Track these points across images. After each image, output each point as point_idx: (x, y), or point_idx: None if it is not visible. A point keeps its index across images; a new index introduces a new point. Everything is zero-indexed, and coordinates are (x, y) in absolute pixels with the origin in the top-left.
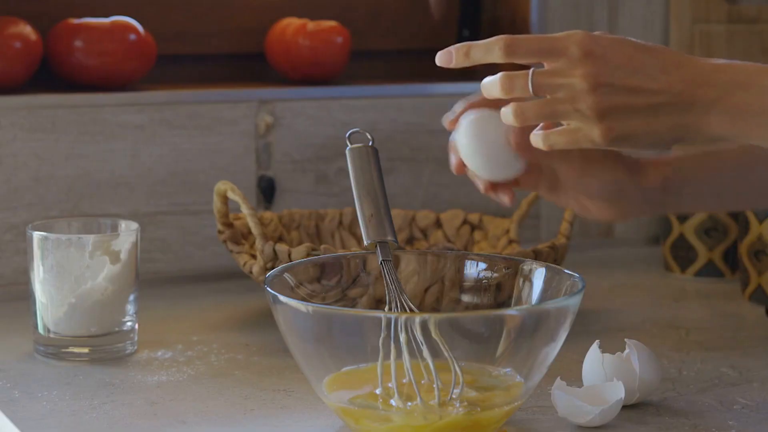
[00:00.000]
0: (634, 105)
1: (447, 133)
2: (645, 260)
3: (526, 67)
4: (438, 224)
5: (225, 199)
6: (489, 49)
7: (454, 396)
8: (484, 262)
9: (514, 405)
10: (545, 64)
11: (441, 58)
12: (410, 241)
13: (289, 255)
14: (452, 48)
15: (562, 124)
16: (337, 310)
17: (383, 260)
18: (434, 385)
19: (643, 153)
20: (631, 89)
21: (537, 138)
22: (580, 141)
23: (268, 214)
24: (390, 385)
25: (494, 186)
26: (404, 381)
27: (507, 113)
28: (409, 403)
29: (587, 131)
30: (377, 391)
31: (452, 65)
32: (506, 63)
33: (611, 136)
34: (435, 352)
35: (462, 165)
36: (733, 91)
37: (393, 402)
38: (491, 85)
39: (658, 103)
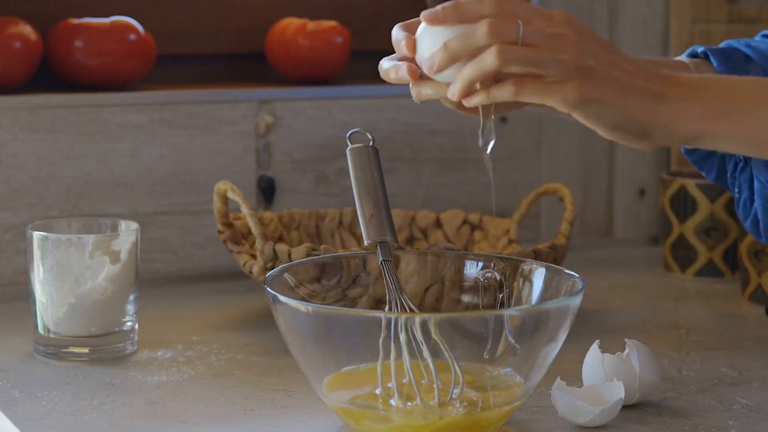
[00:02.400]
0: (611, 74)
1: (447, 134)
2: (645, 260)
3: None
4: (438, 224)
5: (225, 199)
6: (479, 2)
7: (453, 396)
8: (484, 262)
9: (514, 405)
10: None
11: (429, 16)
12: (410, 241)
13: (289, 255)
14: (440, 7)
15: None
16: (337, 310)
17: (383, 260)
18: (434, 385)
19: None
20: (611, 61)
21: (508, 85)
22: (552, 94)
23: (268, 214)
24: (390, 385)
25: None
26: (404, 381)
27: (489, 55)
28: (409, 403)
29: (561, 86)
30: (377, 391)
31: (440, 23)
32: None
33: (583, 95)
34: (435, 352)
35: (416, 68)
36: (702, 88)
37: (393, 402)
38: (473, 30)
39: (631, 81)
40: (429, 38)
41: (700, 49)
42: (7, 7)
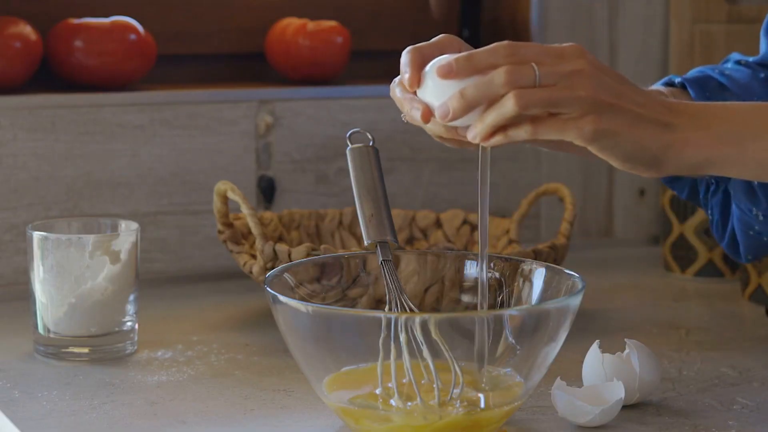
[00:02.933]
0: (624, 107)
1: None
2: (645, 260)
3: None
4: (438, 224)
5: (225, 199)
6: (492, 52)
7: (453, 396)
8: None
9: (514, 405)
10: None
11: (441, 71)
12: (410, 241)
13: (289, 255)
14: (454, 60)
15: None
16: (337, 310)
17: (383, 260)
18: (434, 385)
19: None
20: (623, 93)
21: (525, 125)
22: (568, 130)
23: (268, 214)
24: (390, 385)
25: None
26: (404, 381)
27: (508, 101)
28: (409, 403)
29: (577, 121)
30: (377, 391)
31: (453, 77)
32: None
33: (598, 128)
34: (435, 352)
35: (430, 112)
36: (708, 116)
37: (393, 402)
38: (490, 79)
39: (642, 113)
40: (438, 84)
41: (677, 80)
42: (7, 7)
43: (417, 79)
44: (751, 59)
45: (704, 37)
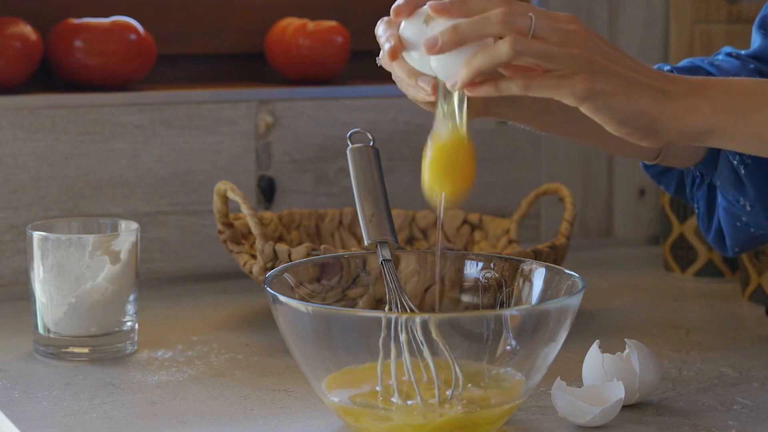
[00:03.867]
0: (618, 70)
1: None
2: (645, 260)
3: None
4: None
5: (225, 199)
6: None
7: (454, 395)
8: (484, 262)
9: (514, 404)
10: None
11: (436, 8)
12: (410, 241)
13: (289, 255)
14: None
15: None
16: (337, 310)
17: (383, 260)
18: (434, 384)
19: (624, 143)
20: (618, 58)
21: (517, 79)
22: (561, 88)
23: (268, 214)
24: (390, 382)
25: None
26: (404, 379)
27: (503, 45)
28: (410, 401)
29: (570, 79)
30: (377, 388)
31: (448, 15)
32: None
33: (592, 88)
34: (435, 352)
35: (399, 49)
36: (709, 87)
37: (393, 400)
38: (486, 17)
39: (638, 78)
40: (423, 27)
41: (666, 68)
42: (7, 7)
43: (409, 9)
44: (742, 52)
45: (704, 37)
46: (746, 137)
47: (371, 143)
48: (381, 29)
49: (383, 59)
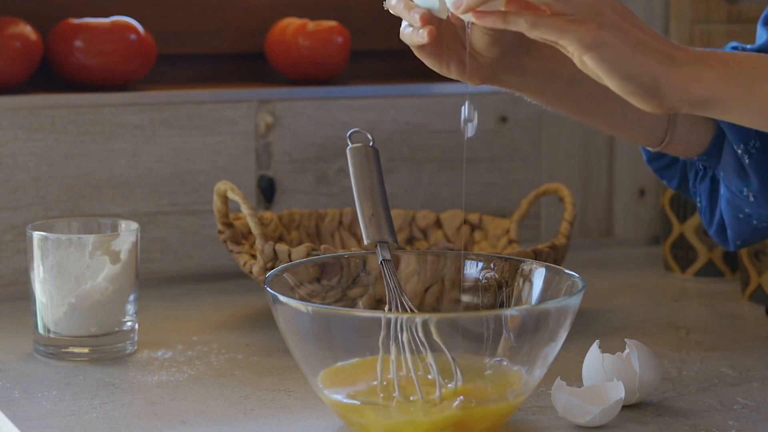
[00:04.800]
0: (626, 28)
1: (447, 134)
2: (645, 260)
3: None
4: (438, 224)
5: (225, 199)
6: None
7: (454, 391)
8: (484, 262)
9: (513, 403)
10: None
11: None
12: (410, 241)
13: (289, 255)
14: None
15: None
16: (337, 310)
17: (383, 260)
18: (436, 382)
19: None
20: (628, 16)
21: (526, 15)
22: (568, 33)
23: (268, 214)
24: (390, 376)
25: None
26: (401, 375)
27: None
28: (412, 397)
29: (578, 26)
30: (375, 383)
31: None
32: None
33: (599, 38)
34: (435, 350)
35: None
36: (714, 57)
37: (394, 395)
38: None
39: (646, 39)
40: None
41: None
42: (7, 7)
43: None
44: (748, 46)
45: (704, 37)
46: (748, 108)
47: (371, 143)
48: None
49: None
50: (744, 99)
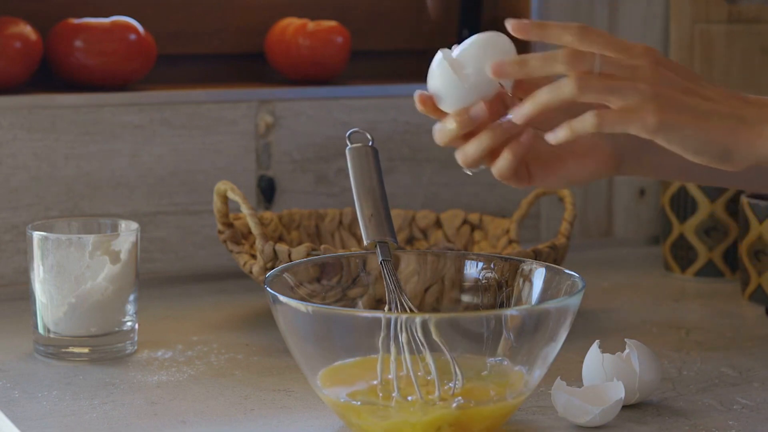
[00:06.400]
0: (688, 101)
1: None
2: (645, 260)
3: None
4: (438, 224)
5: (225, 199)
6: (564, 28)
7: (453, 392)
8: (484, 262)
9: (513, 403)
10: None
11: (515, 26)
12: (410, 241)
13: (289, 255)
14: (528, 21)
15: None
16: (337, 310)
17: (383, 260)
18: (434, 381)
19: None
20: (687, 89)
21: (588, 116)
22: (632, 122)
23: (268, 214)
24: (390, 376)
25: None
26: (401, 374)
27: (567, 83)
28: (410, 397)
29: (641, 113)
30: (375, 383)
31: (523, 36)
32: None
33: (662, 120)
34: (435, 350)
35: (430, 98)
36: None
37: (393, 395)
38: (550, 58)
39: (710, 108)
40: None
41: None
42: (7, 7)
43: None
44: None
45: (704, 37)
46: None
47: (370, 143)
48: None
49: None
50: None
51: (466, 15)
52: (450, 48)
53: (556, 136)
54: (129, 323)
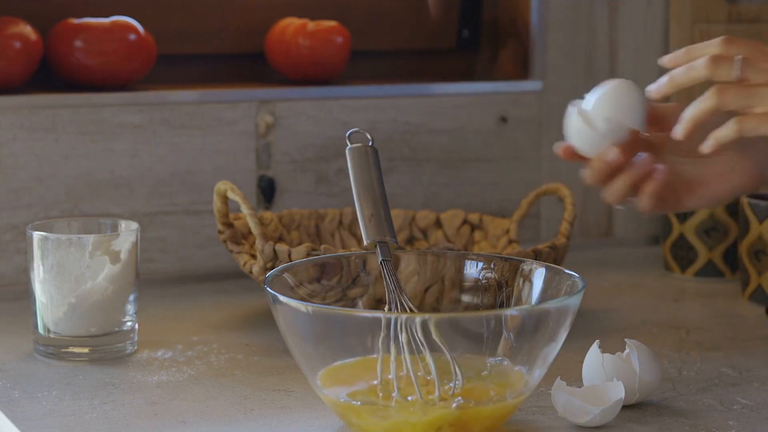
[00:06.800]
0: None
1: (447, 134)
2: (645, 260)
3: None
4: (438, 224)
5: (225, 199)
6: (707, 44)
7: (453, 392)
8: (484, 262)
9: (513, 403)
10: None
11: (668, 57)
12: (410, 241)
13: (289, 255)
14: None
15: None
16: (336, 310)
17: (383, 260)
18: (435, 382)
19: None
20: None
21: (730, 124)
22: None
23: (268, 214)
24: (390, 376)
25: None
26: (401, 374)
27: (709, 95)
28: (410, 397)
29: None
30: (375, 383)
31: (675, 63)
32: None
33: None
34: (435, 350)
35: (570, 147)
36: None
37: (393, 395)
38: (691, 68)
39: None
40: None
41: None
42: (7, 7)
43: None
44: None
45: (704, 37)
46: None
47: (370, 143)
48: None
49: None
50: None
51: (466, 15)
52: (582, 98)
53: (705, 147)
54: (129, 323)
